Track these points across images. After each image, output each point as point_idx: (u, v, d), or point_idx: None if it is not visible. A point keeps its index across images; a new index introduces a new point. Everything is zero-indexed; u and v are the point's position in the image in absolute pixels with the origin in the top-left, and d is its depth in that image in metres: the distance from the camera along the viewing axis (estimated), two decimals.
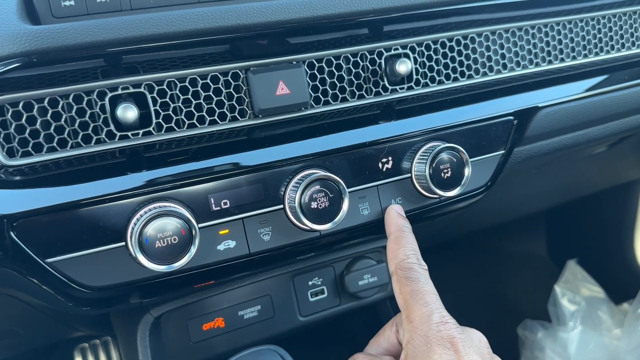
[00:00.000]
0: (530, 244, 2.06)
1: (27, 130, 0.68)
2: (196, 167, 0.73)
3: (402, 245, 0.77)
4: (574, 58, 1.00)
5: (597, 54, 1.03)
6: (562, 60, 0.99)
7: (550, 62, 0.98)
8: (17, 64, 0.66)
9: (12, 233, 0.65)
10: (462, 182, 0.82)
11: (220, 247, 0.74)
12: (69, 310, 0.86)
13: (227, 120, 0.77)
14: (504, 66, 0.94)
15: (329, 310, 1.02)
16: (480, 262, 1.99)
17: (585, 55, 1.02)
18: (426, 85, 0.88)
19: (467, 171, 0.83)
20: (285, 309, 0.99)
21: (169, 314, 0.90)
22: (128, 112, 0.69)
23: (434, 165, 0.80)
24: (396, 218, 0.81)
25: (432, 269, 1.08)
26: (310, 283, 1.01)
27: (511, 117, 0.90)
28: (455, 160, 0.82)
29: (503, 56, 0.94)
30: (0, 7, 0.67)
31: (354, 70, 0.84)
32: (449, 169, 0.81)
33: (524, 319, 1.77)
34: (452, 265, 1.89)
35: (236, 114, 0.77)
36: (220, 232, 0.74)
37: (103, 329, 1.36)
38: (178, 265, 0.68)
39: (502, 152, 0.90)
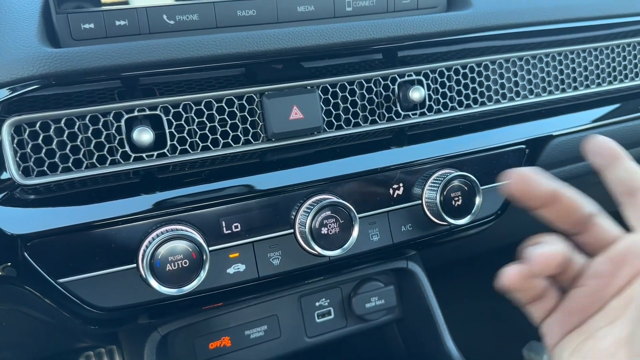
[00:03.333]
0: None
1: (43, 150, 0.69)
2: (209, 189, 0.74)
3: None
4: (587, 86, 1.00)
5: (610, 82, 1.03)
6: (576, 88, 0.99)
7: (563, 90, 0.98)
8: (36, 86, 0.67)
9: (25, 253, 0.66)
10: (473, 211, 0.82)
11: (230, 270, 0.75)
12: (77, 328, 0.86)
13: (241, 143, 0.78)
14: (517, 94, 0.94)
15: (335, 331, 1.02)
16: (486, 282, 1.98)
17: (599, 84, 1.02)
18: (439, 111, 0.89)
19: (478, 200, 0.83)
20: (291, 330, 0.99)
21: (176, 332, 0.91)
22: (144, 135, 0.69)
23: (445, 193, 0.81)
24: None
25: (439, 288, 1.08)
26: (317, 304, 1.01)
27: (523, 146, 0.90)
28: (466, 188, 0.82)
29: (516, 84, 0.94)
30: (21, 29, 0.68)
31: (367, 96, 0.84)
32: (460, 197, 0.82)
33: (529, 340, 1.76)
34: (458, 284, 1.88)
35: (249, 137, 0.78)
36: (231, 256, 0.74)
37: (109, 339, 1.36)
38: (188, 288, 0.68)
39: None
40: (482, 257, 1.84)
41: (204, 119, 0.76)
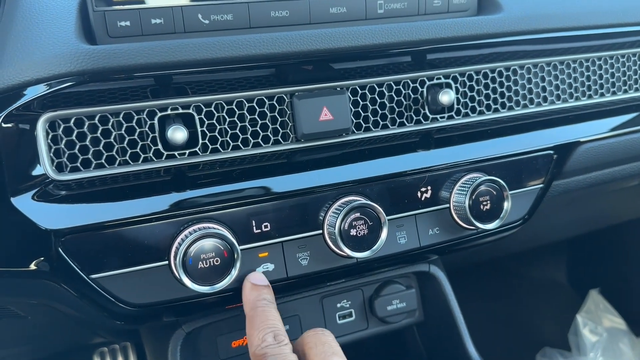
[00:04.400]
0: (552, 271, 2.05)
1: (77, 146, 0.70)
2: (239, 188, 0.74)
3: (255, 327, 0.67)
4: (614, 93, 1.00)
5: (637, 89, 1.02)
6: (602, 95, 0.99)
7: (590, 96, 0.98)
8: (71, 82, 0.67)
9: (59, 248, 0.66)
10: (501, 215, 0.82)
11: (259, 269, 0.75)
12: (102, 323, 0.87)
13: (270, 143, 0.78)
14: (545, 99, 0.94)
15: (356, 333, 1.02)
16: (501, 287, 1.97)
17: (626, 91, 1.01)
18: (467, 115, 0.89)
19: (507, 205, 0.82)
20: None
21: (199, 330, 0.91)
22: (178, 134, 0.70)
23: (473, 197, 0.80)
24: (249, 293, 0.71)
25: (454, 291, 1.07)
26: (338, 305, 1.01)
27: (551, 152, 0.90)
28: (495, 193, 0.82)
29: (544, 89, 0.94)
30: (59, 25, 0.68)
31: (395, 98, 0.85)
32: (489, 202, 0.81)
33: (543, 347, 1.75)
34: (473, 288, 1.88)
35: (279, 138, 0.78)
36: (260, 255, 0.75)
37: (124, 335, 1.37)
38: (220, 286, 0.68)
39: (541, 185, 0.90)
40: (499, 260, 1.83)
41: (235, 119, 0.76)
